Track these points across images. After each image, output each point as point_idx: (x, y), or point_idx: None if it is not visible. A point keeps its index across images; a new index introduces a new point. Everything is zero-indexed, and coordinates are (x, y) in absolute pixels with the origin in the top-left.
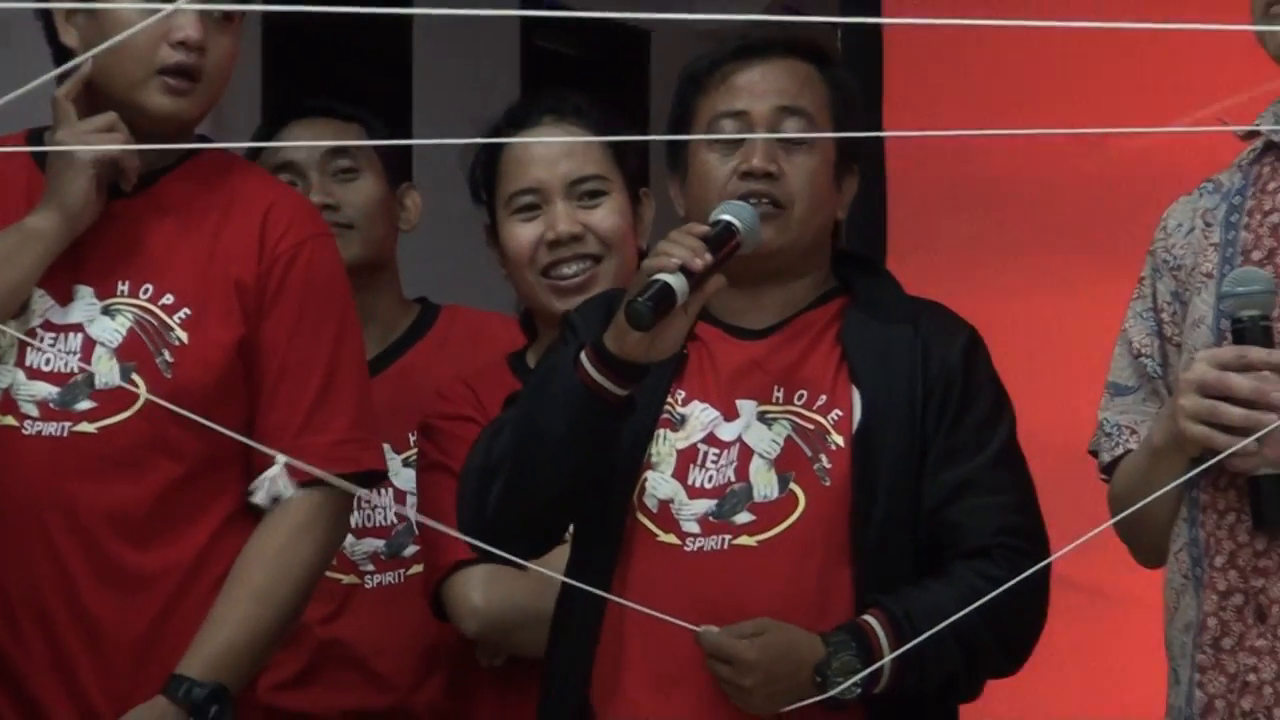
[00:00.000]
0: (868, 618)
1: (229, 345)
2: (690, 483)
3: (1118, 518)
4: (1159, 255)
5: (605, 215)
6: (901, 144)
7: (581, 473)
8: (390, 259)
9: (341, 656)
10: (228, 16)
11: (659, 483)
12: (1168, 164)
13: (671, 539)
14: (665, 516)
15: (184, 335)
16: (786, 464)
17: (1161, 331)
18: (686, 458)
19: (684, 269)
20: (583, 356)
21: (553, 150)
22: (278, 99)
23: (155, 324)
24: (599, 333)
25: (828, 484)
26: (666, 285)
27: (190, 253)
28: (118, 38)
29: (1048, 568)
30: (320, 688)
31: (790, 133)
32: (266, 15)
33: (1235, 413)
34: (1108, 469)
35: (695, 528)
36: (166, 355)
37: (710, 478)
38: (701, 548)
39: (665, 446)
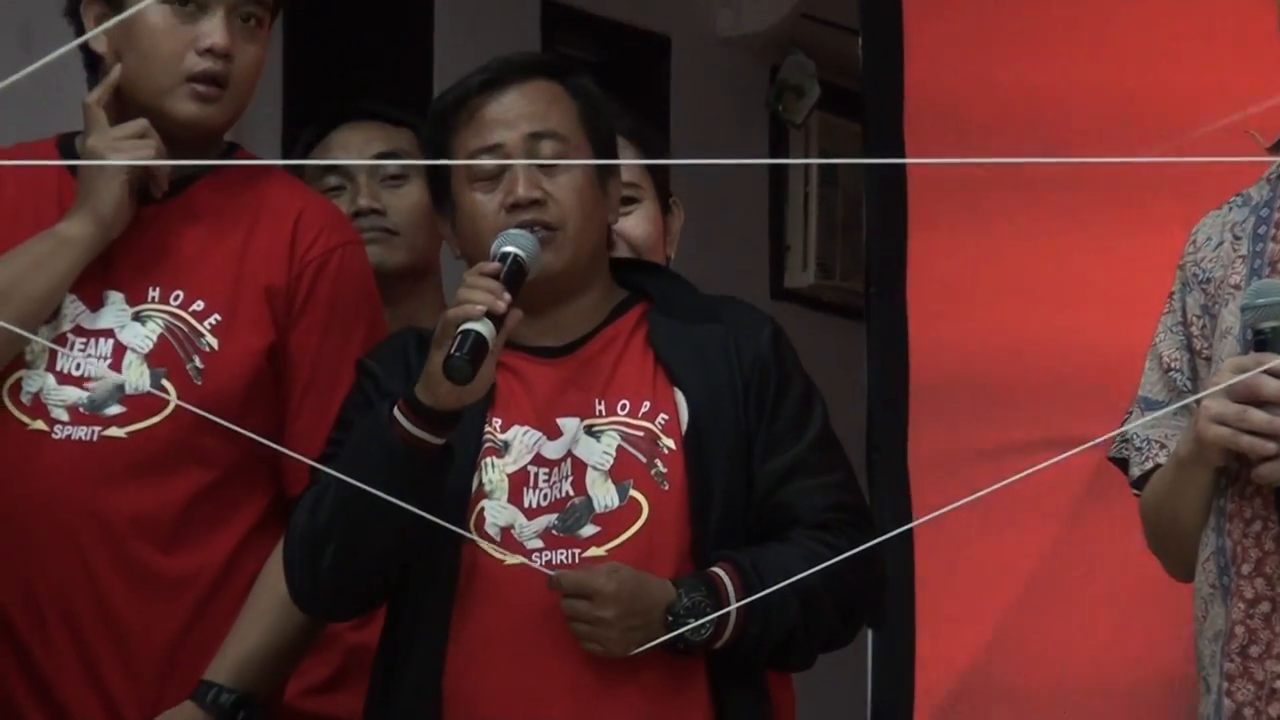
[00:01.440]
0: (716, 569)
1: (259, 351)
2: (527, 504)
3: (990, 489)
4: (1188, 269)
5: (637, 224)
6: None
7: (411, 526)
8: (434, 266)
9: (371, 663)
10: (256, 23)
11: (496, 510)
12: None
13: (518, 559)
14: (509, 541)
15: (214, 341)
16: (623, 472)
17: (1190, 345)
18: (518, 481)
19: (488, 312)
20: (396, 413)
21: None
22: (300, 104)
23: (186, 330)
24: (401, 380)
25: (666, 488)
26: (478, 336)
27: (220, 259)
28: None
29: (880, 543)
30: (349, 693)
31: (547, 156)
32: (288, 21)
33: (1260, 416)
34: (1138, 483)
35: (539, 544)
36: (197, 361)
37: (545, 495)
38: (549, 561)
39: (495, 474)
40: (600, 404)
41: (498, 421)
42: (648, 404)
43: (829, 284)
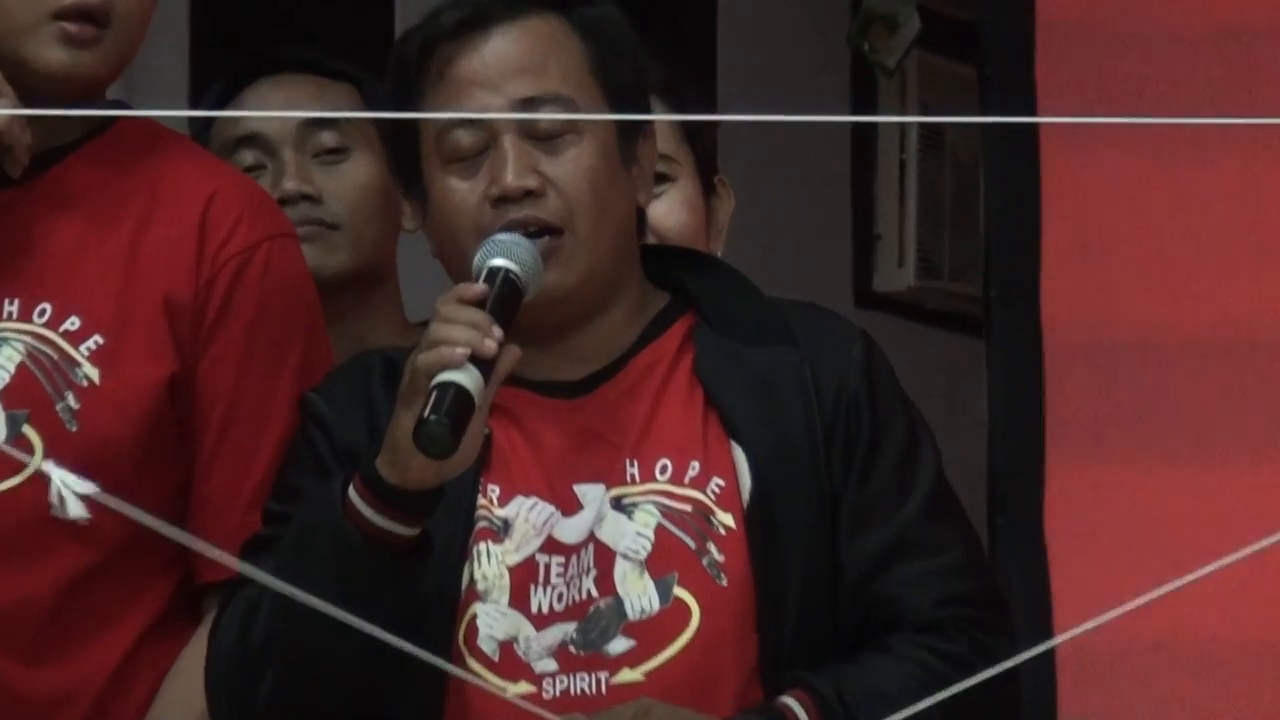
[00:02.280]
0: (787, 699)
1: (156, 386)
2: (535, 609)
3: (1182, 581)
4: None
5: (671, 210)
6: (1061, 88)
7: (380, 644)
8: (389, 269)
9: None
10: None
11: (493, 618)
12: None
13: (524, 687)
14: (511, 661)
15: (94, 373)
16: (664, 564)
17: None
18: (523, 576)
19: (473, 358)
20: (352, 495)
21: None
22: (212, 51)
23: (55, 357)
24: (363, 428)
25: (724, 583)
26: (460, 391)
27: (102, 261)
28: None
29: (1012, 645)
30: None
31: (546, 128)
32: None
33: None
34: None
35: (552, 665)
36: (71, 400)
37: (560, 596)
38: (567, 690)
39: (491, 566)
40: (633, 466)
41: (494, 491)
42: (696, 465)
43: (934, 286)
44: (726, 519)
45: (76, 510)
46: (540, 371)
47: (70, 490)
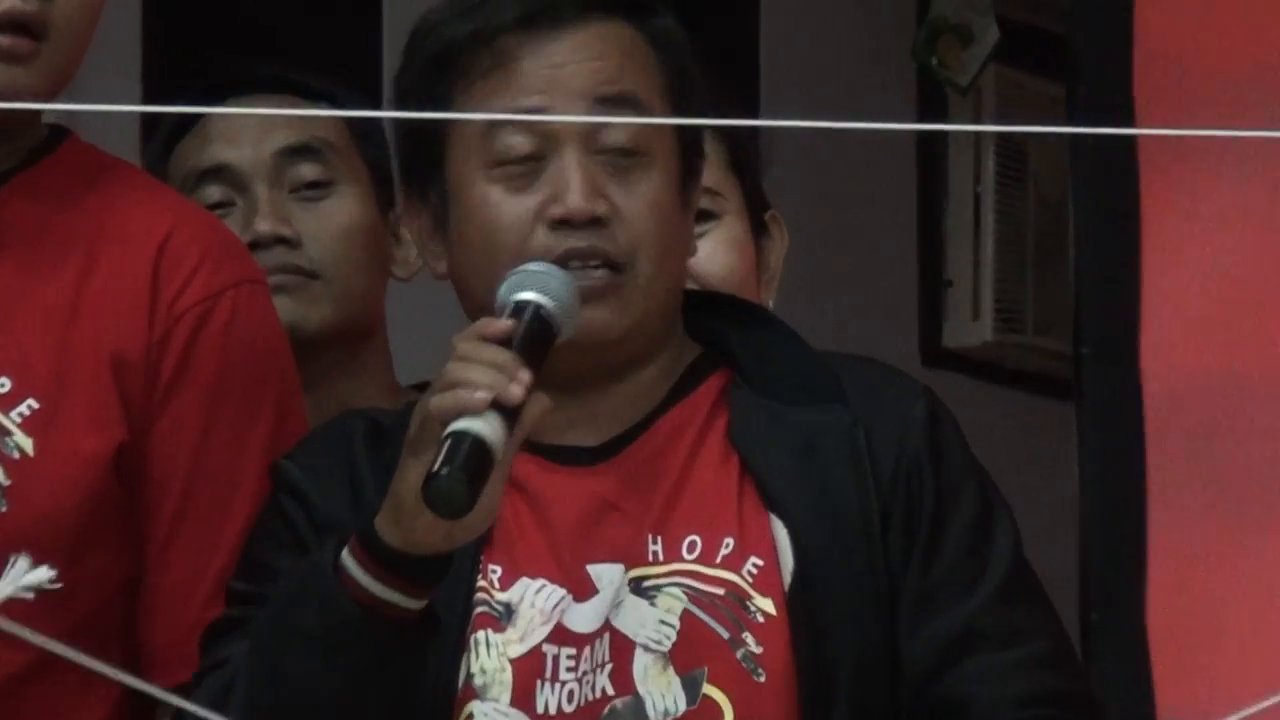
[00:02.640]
0: None
1: (101, 458)
2: (541, 709)
3: None
4: None
5: (715, 252)
6: (1161, 107)
7: None
8: (377, 324)
9: None
10: None
11: (493, 719)
12: None
13: None
14: None
15: (27, 443)
16: (692, 656)
17: None
18: (528, 670)
19: (495, 404)
20: (346, 559)
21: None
22: (168, 68)
23: None
24: (345, 500)
25: (762, 678)
26: (478, 442)
27: (38, 312)
28: None
29: None
30: None
31: (615, 138)
32: None
33: None
34: None
35: None
36: None
37: (571, 695)
38: None
39: (491, 658)
40: (656, 543)
41: (496, 572)
42: (730, 542)
43: (1015, 341)
44: (765, 604)
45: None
46: (552, 434)
47: None
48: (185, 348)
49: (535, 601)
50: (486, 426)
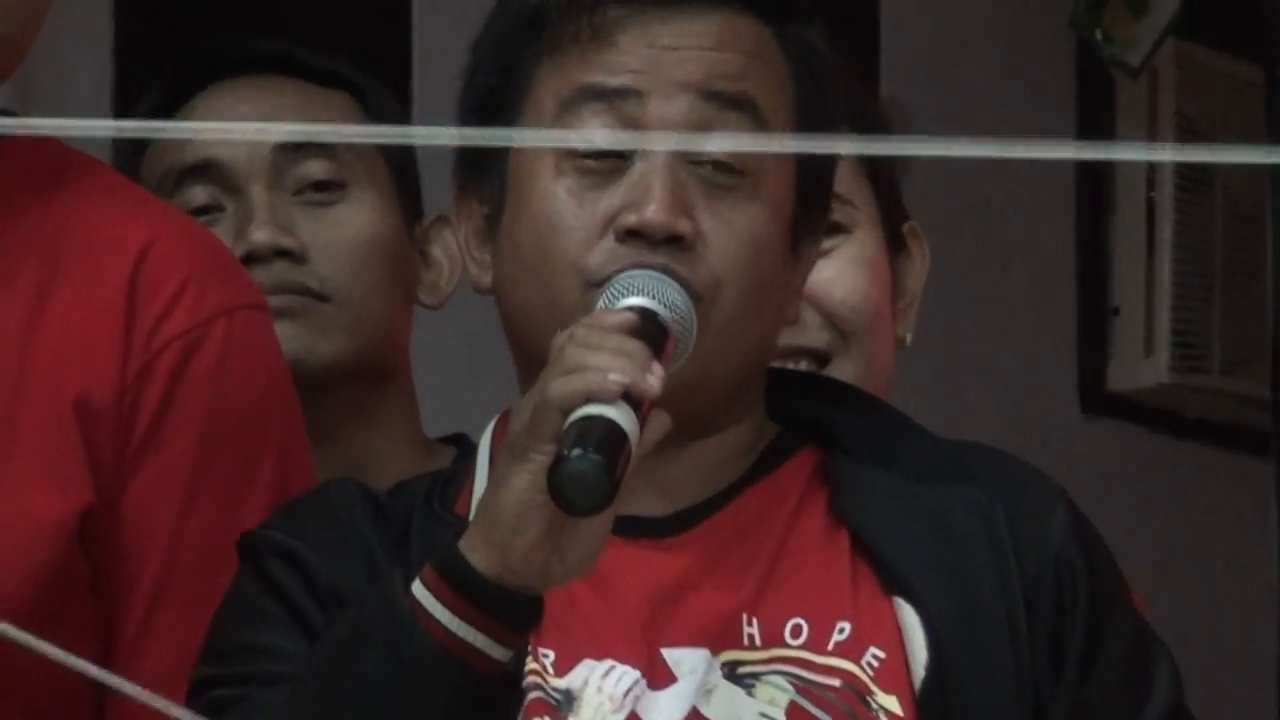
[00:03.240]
0: None
1: (60, 525)
2: None
3: None
4: None
5: (844, 272)
6: None
7: None
8: (400, 361)
9: None
10: None
11: None
12: None
13: None
14: None
15: None
16: None
17: None
18: None
19: (626, 393)
20: (420, 592)
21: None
22: (142, 44)
23: None
24: (356, 569)
25: None
26: (615, 426)
27: None
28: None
29: None
30: None
31: (725, 138)
32: None
33: None
34: None
35: None
36: None
37: None
38: None
39: None
40: (752, 625)
41: (548, 656)
42: (846, 628)
43: (1198, 383)
44: (889, 702)
45: None
46: (620, 503)
47: None
48: (167, 388)
49: (603, 686)
50: (622, 415)
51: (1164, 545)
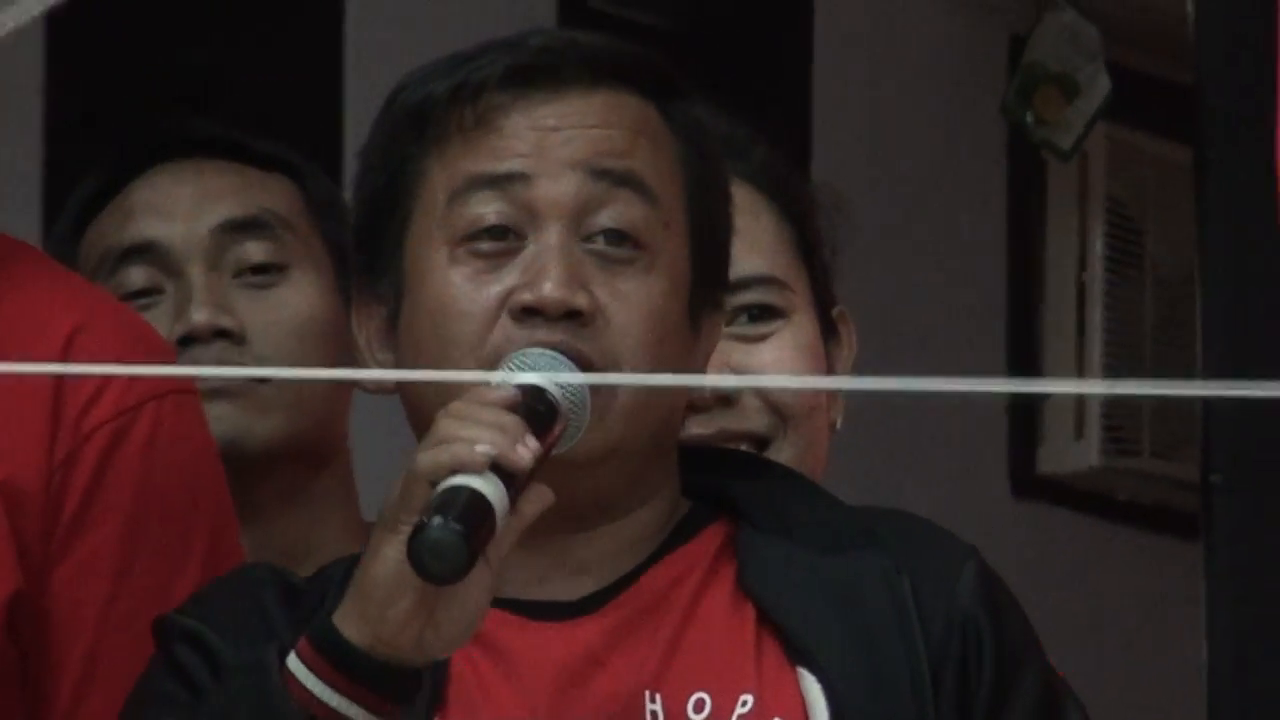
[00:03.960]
0: None
1: None
2: None
3: None
4: None
5: (782, 357)
6: None
7: None
8: (339, 444)
9: None
10: None
11: None
12: None
13: None
14: None
15: None
16: None
17: None
18: None
19: (495, 465)
20: (293, 664)
21: None
22: (75, 122)
23: None
24: (286, 635)
25: None
26: (478, 497)
27: None
28: None
29: None
30: None
31: (611, 221)
32: None
33: None
34: None
35: None
36: None
37: None
38: None
39: None
40: (655, 701)
41: None
42: (749, 700)
43: (1127, 465)
44: None
45: None
46: (519, 588)
47: None
48: (95, 472)
49: None
50: (488, 486)
51: (1094, 627)
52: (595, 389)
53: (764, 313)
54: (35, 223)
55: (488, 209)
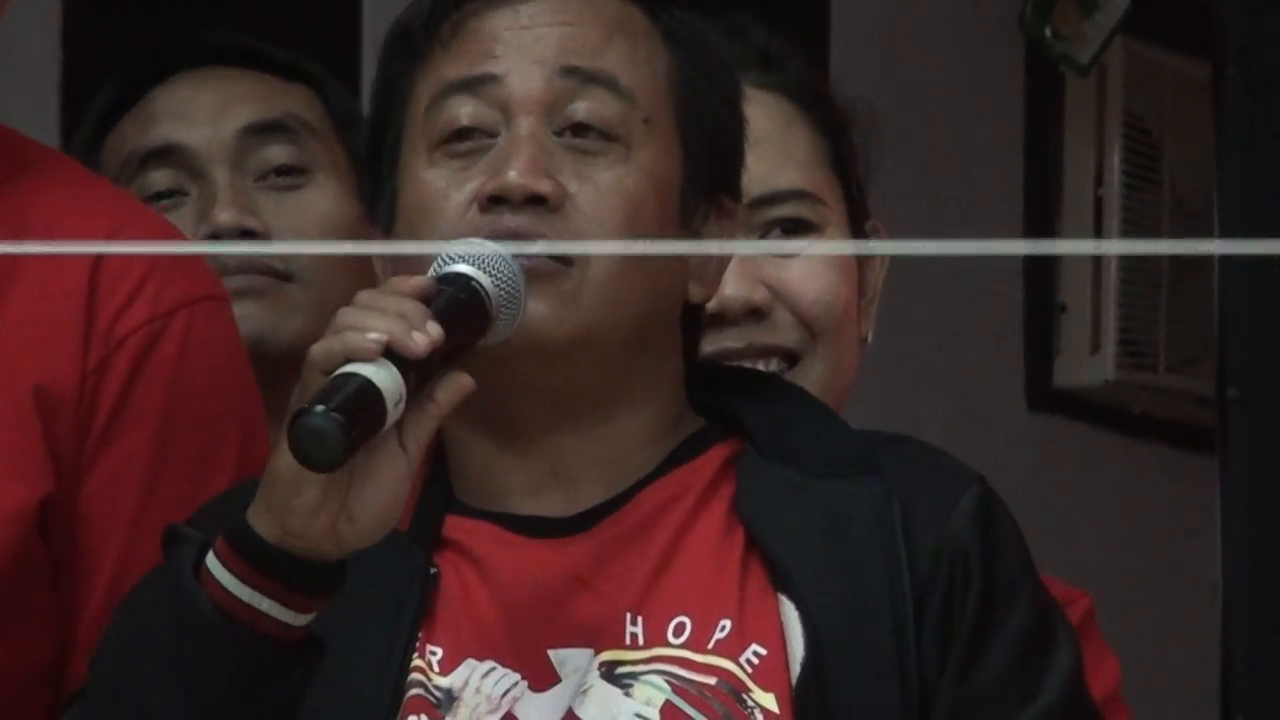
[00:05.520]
0: None
1: (20, 513)
2: None
3: None
4: None
5: (813, 274)
6: None
7: None
8: None
9: None
10: None
11: None
12: None
13: None
14: None
15: None
16: None
17: None
18: None
19: (391, 352)
20: (211, 562)
21: None
22: (95, 35)
23: None
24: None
25: None
26: (366, 384)
27: None
28: None
29: None
30: None
31: (582, 115)
32: None
33: None
34: None
35: None
36: None
37: None
38: None
39: None
40: (635, 624)
41: (435, 654)
42: (727, 625)
43: (1143, 380)
44: (766, 699)
45: None
46: (515, 501)
47: None
48: (127, 380)
49: (482, 687)
50: (375, 371)
51: (1108, 541)
52: (566, 273)
53: (797, 226)
54: (54, 135)
55: (460, 111)
